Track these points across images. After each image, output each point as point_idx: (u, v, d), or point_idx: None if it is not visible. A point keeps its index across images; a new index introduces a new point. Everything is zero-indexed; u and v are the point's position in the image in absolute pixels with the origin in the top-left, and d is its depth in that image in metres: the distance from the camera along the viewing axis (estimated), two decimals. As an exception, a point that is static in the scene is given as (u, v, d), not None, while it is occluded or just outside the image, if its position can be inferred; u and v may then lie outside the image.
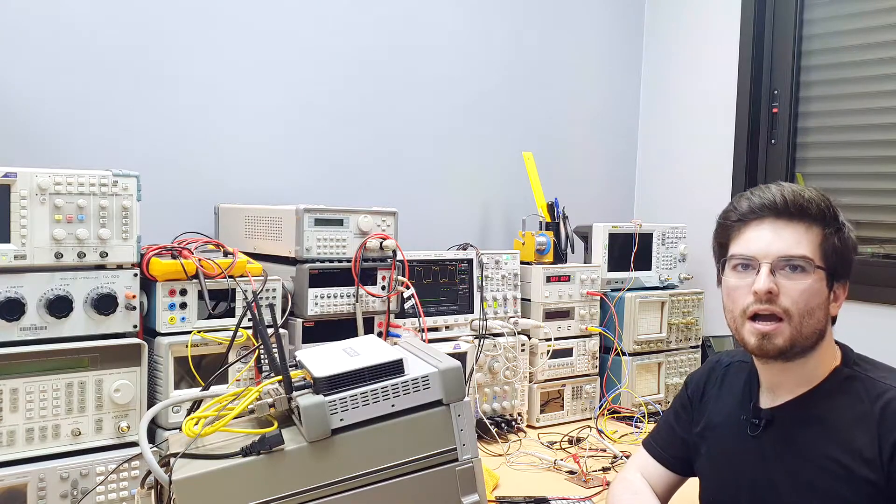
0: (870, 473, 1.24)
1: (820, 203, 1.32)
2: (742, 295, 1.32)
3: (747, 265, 1.33)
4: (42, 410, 1.63)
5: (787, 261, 1.29)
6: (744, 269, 1.33)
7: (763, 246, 1.31)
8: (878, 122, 2.81)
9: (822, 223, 1.31)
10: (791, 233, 1.30)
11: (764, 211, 1.33)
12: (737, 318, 1.34)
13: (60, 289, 1.66)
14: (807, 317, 1.28)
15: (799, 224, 1.31)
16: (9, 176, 1.61)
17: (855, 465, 1.26)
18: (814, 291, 1.29)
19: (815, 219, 1.31)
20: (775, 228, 1.32)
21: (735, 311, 1.34)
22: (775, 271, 1.29)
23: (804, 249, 1.29)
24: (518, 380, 2.47)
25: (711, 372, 1.57)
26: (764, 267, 1.29)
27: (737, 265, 1.35)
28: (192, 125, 2.38)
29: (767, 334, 1.29)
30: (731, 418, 1.45)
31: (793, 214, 1.31)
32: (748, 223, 1.35)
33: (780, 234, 1.31)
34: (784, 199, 1.31)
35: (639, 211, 3.48)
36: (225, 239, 2.27)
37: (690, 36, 3.31)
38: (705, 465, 1.51)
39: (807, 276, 1.29)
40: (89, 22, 2.19)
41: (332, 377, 1.14)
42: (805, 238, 1.30)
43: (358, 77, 2.69)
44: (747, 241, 1.34)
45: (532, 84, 3.14)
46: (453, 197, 2.95)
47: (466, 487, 1.18)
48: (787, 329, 1.28)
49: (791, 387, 1.36)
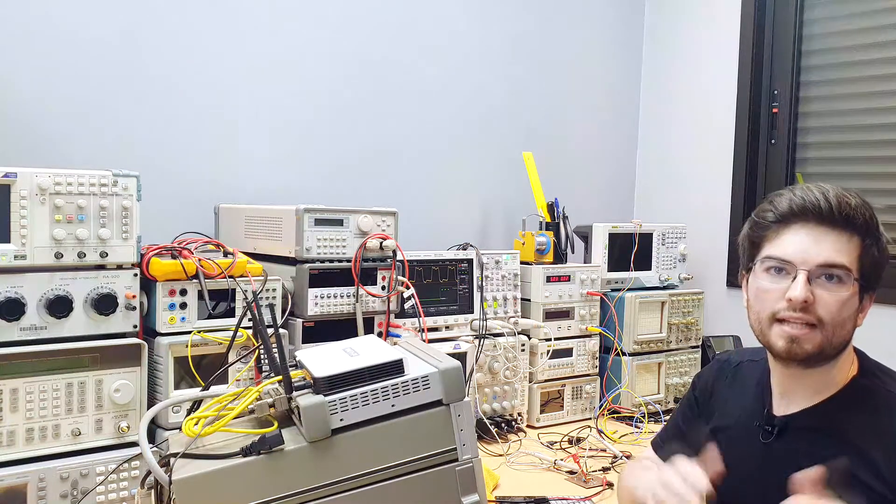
0: (885, 490, 1.22)
1: (865, 212, 1.27)
2: (773, 299, 1.27)
3: (781, 269, 1.27)
4: (42, 410, 1.63)
5: (825, 270, 1.24)
6: (777, 272, 1.28)
7: (802, 252, 1.25)
8: (878, 122, 2.81)
9: (863, 233, 1.26)
10: (833, 241, 1.25)
11: (806, 214, 1.26)
12: (763, 321, 1.29)
13: (60, 289, 1.66)
14: (839, 328, 1.25)
15: (842, 232, 1.25)
16: (9, 176, 1.61)
17: (870, 480, 1.22)
18: (848, 303, 1.25)
19: (858, 229, 1.26)
20: (816, 234, 1.25)
21: (762, 314, 1.29)
22: (811, 279, 1.24)
23: (844, 260, 1.24)
24: (518, 380, 2.47)
25: (720, 371, 1.54)
26: (801, 275, 1.24)
27: (770, 268, 1.29)
28: (193, 125, 2.38)
29: (797, 338, 1.25)
30: (743, 422, 1.42)
31: (836, 222, 1.25)
32: (788, 225, 1.28)
33: (820, 240, 1.25)
34: (829, 204, 1.25)
35: (639, 211, 3.48)
36: (225, 239, 2.27)
37: (690, 36, 3.31)
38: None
39: (843, 287, 1.24)
40: (89, 22, 2.18)
41: (332, 377, 1.14)
42: (846, 248, 1.25)
43: (358, 77, 2.69)
44: (784, 244, 1.27)
45: (532, 84, 3.14)
46: (453, 197, 2.95)
47: (466, 487, 1.18)
48: (819, 336, 1.24)
49: (806, 394, 1.32)
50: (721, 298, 3.09)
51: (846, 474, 1.23)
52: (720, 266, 3.13)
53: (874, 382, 1.30)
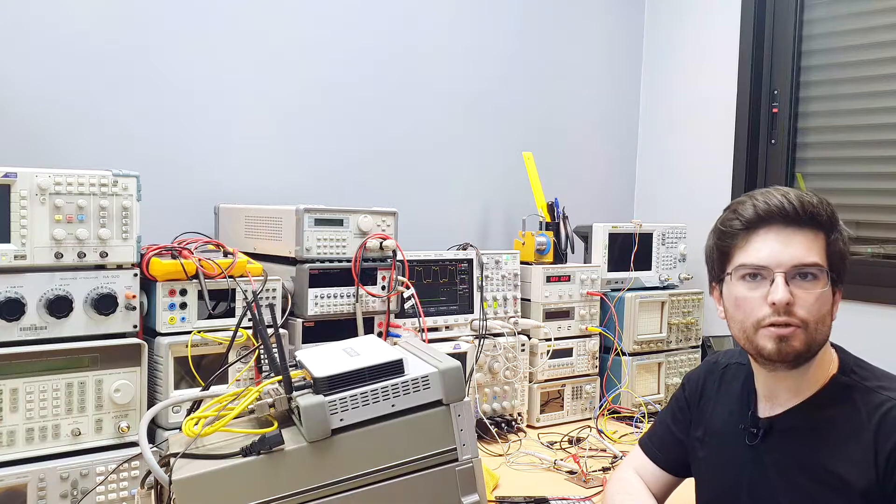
0: (866, 486, 1.23)
1: (826, 209, 1.30)
2: (755, 306, 1.29)
3: (756, 275, 1.29)
4: (42, 410, 1.63)
5: (800, 269, 1.26)
6: (752, 278, 1.30)
7: (775, 254, 1.27)
8: (878, 122, 2.81)
9: (828, 229, 1.29)
10: (801, 240, 1.28)
11: (772, 218, 1.29)
12: (748, 328, 1.31)
13: (60, 289, 1.66)
14: (820, 324, 1.27)
15: (808, 231, 1.28)
16: (9, 176, 1.61)
17: (852, 478, 1.25)
18: (825, 298, 1.27)
19: (823, 225, 1.29)
20: (785, 236, 1.28)
21: (746, 322, 1.31)
22: (788, 280, 1.26)
23: (815, 257, 1.27)
24: (518, 380, 2.47)
25: (709, 373, 1.56)
26: (779, 277, 1.26)
27: (745, 275, 1.31)
28: (193, 125, 2.38)
29: (786, 337, 1.26)
30: (729, 425, 1.44)
31: (802, 221, 1.28)
32: (755, 230, 1.31)
33: (790, 242, 1.28)
34: (792, 205, 1.28)
35: (639, 211, 3.48)
36: (225, 239, 2.27)
37: (690, 36, 3.31)
38: (702, 470, 1.50)
39: (818, 283, 1.27)
40: (89, 22, 2.18)
41: (332, 377, 1.14)
42: (815, 245, 1.28)
43: (358, 77, 2.69)
44: (756, 250, 1.30)
45: (532, 84, 3.14)
46: (453, 197, 2.95)
47: (466, 487, 1.18)
48: (804, 335, 1.26)
49: (789, 395, 1.34)
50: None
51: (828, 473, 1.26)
52: (720, 266, 3.12)
53: (852, 379, 1.33)
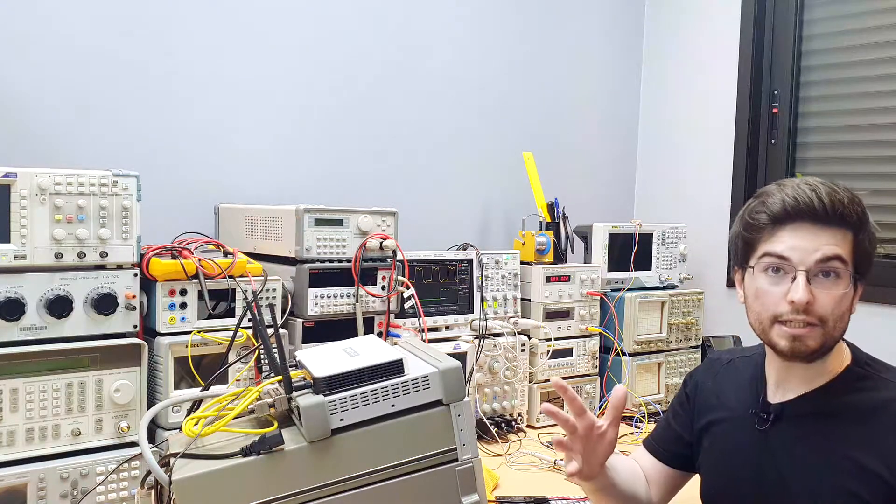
0: (884, 472, 1.24)
1: (857, 209, 1.28)
2: (775, 301, 1.28)
3: (779, 269, 1.28)
4: (42, 410, 1.63)
5: (823, 267, 1.26)
6: (775, 272, 1.29)
7: (799, 251, 1.26)
8: (878, 122, 2.81)
9: (857, 229, 1.28)
10: (828, 238, 1.26)
11: (800, 215, 1.28)
12: (764, 321, 1.31)
13: (60, 289, 1.66)
14: (839, 321, 1.27)
15: (836, 229, 1.27)
16: (9, 176, 1.61)
17: (869, 463, 1.25)
18: (846, 297, 1.27)
19: (852, 225, 1.27)
20: (812, 233, 1.27)
21: (763, 315, 1.31)
22: (810, 279, 1.25)
23: (841, 257, 1.26)
24: (518, 380, 2.47)
25: (710, 369, 1.57)
26: (800, 276, 1.25)
27: (769, 267, 1.30)
28: (193, 125, 2.38)
29: (800, 337, 1.26)
30: (738, 412, 1.44)
31: (831, 220, 1.26)
32: (782, 225, 1.29)
33: (816, 239, 1.26)
34: (822, 203, 1.26)
35: (639, 211, 3.48)
36: (225, 239, 2.27)
37: (690, 36, 3.31)
38: (707, 460, 1.50)
39: (840, 283, 1.26)
40: (89, 22, 2.18)
41: (332, 377, 1.14)
42: (841, 244, 1.27)
43: (358, 77, 2.69)
44: (782, 244, 1.28)
45: (532, 84, 3.14)
46: (453, 197, 2.95)
47: (466, 487, 1.18)
48: (821, 333, 1.26)
49: (802, 382, 1.35)
50: (721, 298, 3.09)
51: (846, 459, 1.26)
52: (720, 266, 3.13)
53: (867, 370, 1.34)
